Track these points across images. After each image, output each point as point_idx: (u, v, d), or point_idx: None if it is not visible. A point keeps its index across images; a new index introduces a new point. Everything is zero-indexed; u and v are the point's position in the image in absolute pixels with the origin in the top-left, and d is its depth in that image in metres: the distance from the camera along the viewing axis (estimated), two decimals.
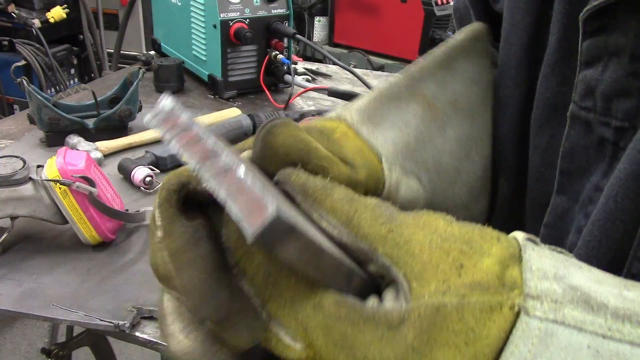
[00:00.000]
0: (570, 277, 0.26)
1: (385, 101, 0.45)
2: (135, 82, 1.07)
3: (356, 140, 0.40)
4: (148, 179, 0.92)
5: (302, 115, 1.11)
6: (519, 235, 0.28)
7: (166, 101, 0.26)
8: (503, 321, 0.25)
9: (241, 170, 0.23)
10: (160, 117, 0.26)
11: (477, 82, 0.50)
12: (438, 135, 0.46)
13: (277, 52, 1.30)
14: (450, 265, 0.26)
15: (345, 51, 2.63)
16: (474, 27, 0.53)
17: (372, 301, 0.27)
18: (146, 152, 0.99)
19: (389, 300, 0.27)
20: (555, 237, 0.41)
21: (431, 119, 0.46)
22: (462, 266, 0.26)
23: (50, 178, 0.72)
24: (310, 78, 1.49)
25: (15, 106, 2.35)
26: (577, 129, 0.39)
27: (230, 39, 1.24)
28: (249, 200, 0.23)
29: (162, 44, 1.57)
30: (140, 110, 1.13)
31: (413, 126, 0.45)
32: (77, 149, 0.99)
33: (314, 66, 1.59)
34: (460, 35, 0.54)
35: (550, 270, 0.26)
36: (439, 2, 2.31)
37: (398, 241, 0.27)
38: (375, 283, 0.28)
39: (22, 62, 2.22)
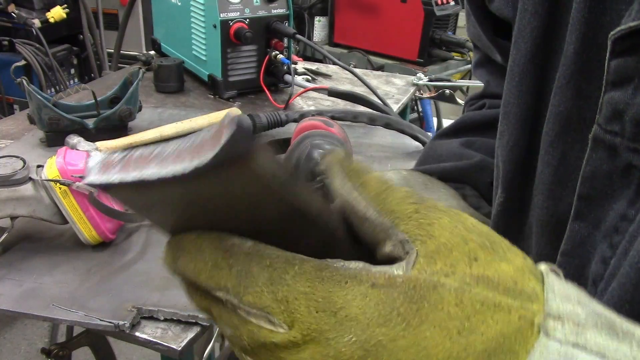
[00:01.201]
0: (594, 304, 0.25)
1: None
2: (135, 82, 1.07)
3: None
4: None
5: (302, 115, 1.11)
6: (542, 265, 0.27)
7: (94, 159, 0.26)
8: (507, 325, 0.24)
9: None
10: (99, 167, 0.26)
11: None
12: None
13: (277, 52, 1.30)
14: (464, 254, 0.25)
15: (345, 51, 2.63)
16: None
17: (360, 264, 0.26)
18: None
19: (380, 267, 0.26)
20: (575, 266, 0.39)
21: None
22: (477, 259, 0.25)
23: (50, 178, 0.72)
24: (310, 78, 1.49)
25: (15, 106, 2.35)
26: (601, 153, 0.36)
27: (230, 39, 1.24)
28: (206, 140, 0.22)
29: (162, 44, 1.56)
30: (140, 110, 1.13)
31: None
32: (77, 149, 0.99)
33: (314, 66, 1.59)
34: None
35: (574, 295, 0.25)
36: (439, 2, 2.31)
37: (422, 222, 0.26)
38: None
39: (22, 62, 2.21)
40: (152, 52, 1.59)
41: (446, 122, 2.47)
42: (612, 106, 0.35)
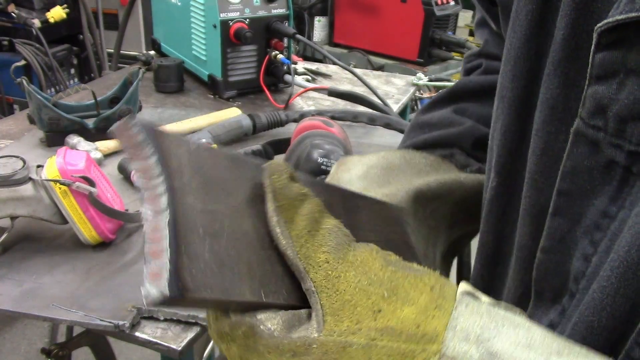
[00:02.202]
0: (495, 340, 0.26)
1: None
2: (135, 82, 1.07)
3: None
4: None
5: (302, 115, 1.11)
6: (461, 287, 0.28)
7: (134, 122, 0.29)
8: None
9: (163, 222, 0.27)
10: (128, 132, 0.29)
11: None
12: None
13: (277, 52, 1.30)
14: (368, 308, 0.27)
15: (345, 51, 2.63)
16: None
17: (283, 327, 0.29)
18: None
19: (301, 327, 0.29)
20: (556, 263, 0.38)
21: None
22: (380, 311, 0.27)
23: (50, 178, 0.72)
24: (310, 78, 1.49)
25: (15, 106, 2.35)
26: (582, 148, 0.35)
27: (230, 39, 1.24)
28: (156, 266, 0.26)
29: (162, 44, 1.57)
30: (140, 110, 1.13)
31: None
32: (77, 149, 0.99)
33: (314, 66, 1.59)
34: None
35: (475, 332, 0.26)
36: (439, 2, 2.31)
37: (330, 274, 0.29)
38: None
39: (22, 62, 2.21)
40: (152, 52, 1.59)
41: None
42: (596, 101, 0.34)
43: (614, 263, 0.32)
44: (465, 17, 3.24)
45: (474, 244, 0.54)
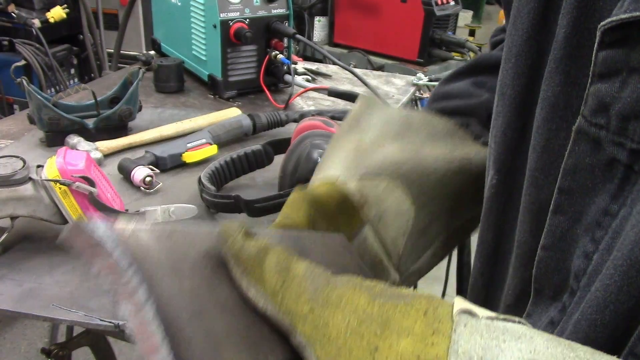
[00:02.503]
0: (499, 359, 0.25)
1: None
2: (135, 82, 1.07)
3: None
4: (148, 179, 0.92)
5: (302, 115, 1.11)
6: (456, 304, 0.28)
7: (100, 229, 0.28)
8: None
9: (149, 315, 0.26)
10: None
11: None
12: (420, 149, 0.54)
13: (277, 52, 1.30)
14: (364, 349, 0.27)
15: (345, 51, 2.63)
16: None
17: None
18: (146, 152, 1.00)
19: None
20: (556, 260, 0.39)
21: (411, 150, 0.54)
22: (377, 349, 0.26)
23: (50, 178, 0.72)
24: (310, 78, 1.49)
25: (15, 106, 2.35)
26: (584, 146, 0.36)
27: (230, 39, 1.24)
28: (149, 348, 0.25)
29: (162, 44, 1.57)
30: (140, 110, 1.13)
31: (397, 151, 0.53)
32: (77, 149, 0.99)
33: (314, 66, 1.59)
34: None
35: (478, 353, 0.25)
36: (439, 2, 2.31)
37: (317, 323, 0.28)
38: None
39: (22, 62, 2.21)
40: (152, 52, 1.59)
41: None
42: (598, 99, 0.34)
43: (617, 261, 0.32)
44: (465, 17, 3.24)
45: (474, 243, 0.54)
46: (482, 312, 0.28)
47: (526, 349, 0.25)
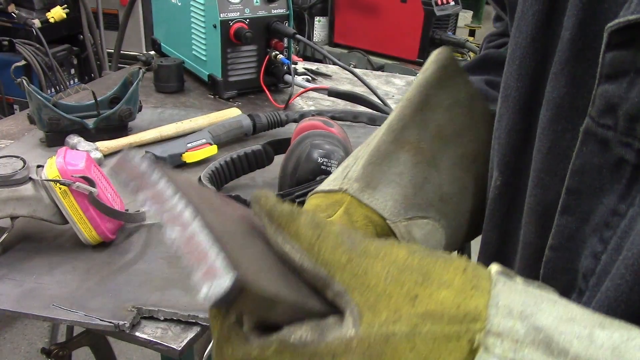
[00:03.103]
0: (538, 315, 0.25)
1: (376, 162, 0.51)
2: (135, 82, 1.07)
3: (361, 208, 0.48)
4: None
5: (302, 115, 1.11)
6: (493, 268, 0.28)
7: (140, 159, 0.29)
8: (460, 352, 0.25)
9: (197, 228, 0.25)
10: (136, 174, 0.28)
11: (456, 105, 0.53)
12: (432, 171, 0.52)
13: (277, 52, 1.30)
14: (404, 296, 0.26)
15: (345, 51, 2.63)
16: (438, 55, 0.55)
17: (314, 332, 0.28)
18: (146, 152, 1.00)
19: (334, 329, 0.27)
20: (564, 260, 0.39)
21: (422, 160, 0.52)
22: (417, 297, 0.26)
23: (50, 178, 0.72)
24: (310, 78, 1.49)
25: (15, 106, 2.35)
26: (591, 147, 0.36)
27: (230, 39, 1.24)
28: (205, 266, 0.24)
29: (162, 44, 1.57)
30: (140, 110, 1.13)
31: (407, 175, 0.51)
32: (77, 149, 0.99)
33: (314, 66, 1.59)
34: (428, 69, 0.55)
35: (518, 308, 0.26)
36: (439, 2, 2.31)
37: (356, 271, 0.27)
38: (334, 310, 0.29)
39: (22, 62, 2.21)
40: (152, 52, 1.59)
41: None
42: (606, 99, 0.34)
43: (628, 261, 0.32)
44: (465, 17, 3.24)
45: (476, 244, 0.54)
46: (518, 277, 0.28)
47: (564, 312, 0.26)
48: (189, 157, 0.99)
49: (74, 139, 1.03)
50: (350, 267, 0.28)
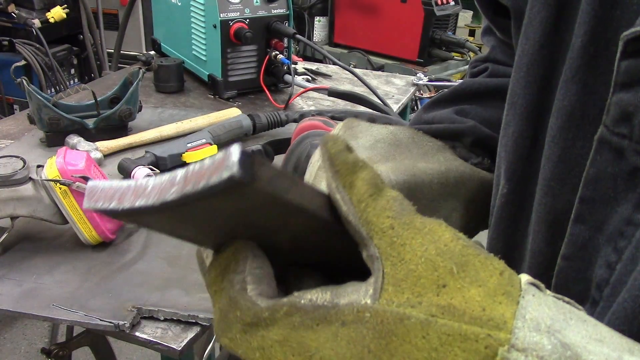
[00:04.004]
0: (566, 331, 0.25)
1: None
2: (135, 82, 1.07)
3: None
4: None
5: (302, 115, 1.11)
6: (524, 277, 0.27)
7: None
8: (474, 354, 0.24)
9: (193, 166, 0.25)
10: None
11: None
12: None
13: (277, 52, 1.30)
14: (432, 281, 0.26)
15: (345, 51, 2.63)
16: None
17: (326, 295, 0.27)
18: (146, 152, 1.00)
19: (349, 294, 0.27)
20: (577, 270, 0.38)
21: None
22: (445, 286, 0.25)
23: (50, 178, 0.72)
24: (310, 78, 1.49)
25: (15, 106, 2.35)
26: (606, 155, 0.35)
27: (230, 39, 1.24)
28: (212, 165, 0.24)
29: (162, 44, 1.57)
30: (140, 110, 1.13)
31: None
32: (77, 149, 0.99)
33: (314, 66, 1.59)
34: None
35: (546, 322, 0.25)
36: (439, 2, 2.31)
37: (395, 240, 0.27)
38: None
39: (22, 62, 2.21)
40: (152, 52, 1.59)
41: None
42: (621, 108, 0.34)
43: None
44: (465, 17, 3.24)
45: None
46: (547, 290, 0.27)
47: (593, 331, 0.25)
48: (189, 157, 0.99)
49: (74, 139, 1.03)
50: (390, 235, 0.27)
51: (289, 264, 0.34)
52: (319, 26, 2.78)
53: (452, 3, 2.37)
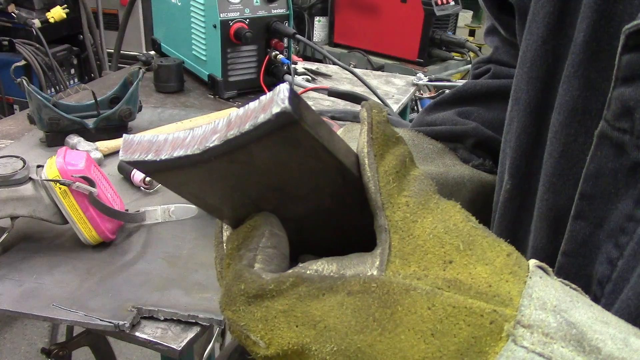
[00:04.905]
0: (572, 311, 0.25)
1: None
2: (135, 82, 1.07)
3: None
4: (148, 178, 0.92)
5: None
6: (532, 261, 0.27)
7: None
8: (478, 329, 0.24)
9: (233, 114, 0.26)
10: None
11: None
12: None
13: (277, 52, 1.30)
14: (439, 257, 0.26)
15: (345, 51, 2.63)
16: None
17: (333, 265, 0.28)
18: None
19: (356, 265, 0.27)
20: (578, 266, 0.38)
21: None
22: (452, 262, 0.26)
23: (50, 178, 0.72)
24: (310, 78, 1.49)
25: (15, 106, 2.35)
26: (606, 151, 0.35)
27: (230, 39, 1.24)
28: (258, 105, 0.25)
29: (162, 44, 1.57)
30: (140, 110, 1.13)
31: None
32: (77, 149, 0.99)
33: (314, 66, 1.59)
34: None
35: (552, 302, 0.25)
36: (439, 2, 2.31)
37: (407, 216, 0.27)
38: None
39: (22, 62, 2.22)
40: (152, 52, 1.59)
41: None
42: (622, 103, 0.33)
43: None
44: (465, 17, 3.24)
45: None
46: (554, 275, 0.27)
47: (599, 315, 0.25)
48: None
49: (74, 139, 1.03)
50: (404, 210, 0.27)
51: (304, 250, 0.34)
52: (319, 26, 2.78)
53: (452, 3, 2.36)
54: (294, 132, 0.24)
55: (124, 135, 0.29)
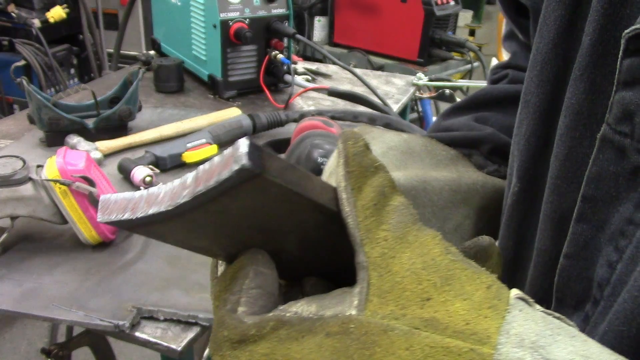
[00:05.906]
0: (551, 347, 0.24)
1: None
2: (135, 82, 1.07)
3: None
4: (148, 178, 0.92)
5: (302, 115, 1.11)
6: (513, 292, 0.27)
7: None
8: None
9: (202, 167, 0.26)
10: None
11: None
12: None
13: (277, 52, 1.30)
14: (417, 294, 0.26)
15: (345, 51, 2.63)
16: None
17: (312, 306, 0.28)
18: (146, 152, 1.00)
19: (335, 305, 0.27)
20: (579, 269, 0.38)
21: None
22: (429, 299, 0.26)
23: (50, 178, 0.72)
24: (310, 78, 1.49)
25: (15, 106, 2.35)
26: (608, 154, 0.35)
27: (230, 39, 1.24)
28: (221, 161, 0.24)
29: (162, 44, 1.57)
30: (140, 110, 1.13)
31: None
32: (77, 149, 0.99)
33: (314, 66, 1.59)
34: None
35: (530, 337, 0.25)
36: (439, 2, 2.31)
37: (385, 252, 0.27)
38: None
39: (22, 62, 2.21)
40: (152, 52, 1.59)
41: None
42: (623, 106, 0.34)
43: None
44: (465, 17, 3.24)
45: None
46: (537, 306, 0.27)
47: (580, 348, 0.25)
48: (189, 157, 0.99)
49: (74, 139, 1.03)
50: (383, 246, 0.27)
51: (302, 275, 0.34)
52: (319, 26, 2.78)
53: (452, 3, 2.36)
54: (259, 183, 0.25)
55: (101, 196, 0.30)
